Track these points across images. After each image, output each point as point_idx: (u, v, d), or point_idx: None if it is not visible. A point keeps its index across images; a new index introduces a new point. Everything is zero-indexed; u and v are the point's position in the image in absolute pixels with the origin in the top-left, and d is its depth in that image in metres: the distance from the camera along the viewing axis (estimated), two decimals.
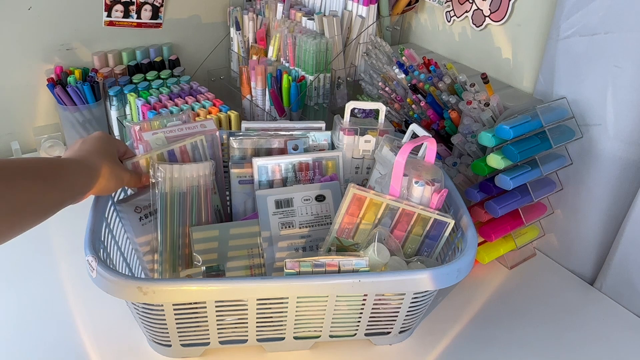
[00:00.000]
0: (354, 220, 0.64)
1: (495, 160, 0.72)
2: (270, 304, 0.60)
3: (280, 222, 0.69)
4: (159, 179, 0.67)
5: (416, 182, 0.63)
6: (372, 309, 0.63)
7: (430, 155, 0.66)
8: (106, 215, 0.66)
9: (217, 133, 0.73)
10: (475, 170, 0.75)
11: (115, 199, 0.69)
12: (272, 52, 1.06)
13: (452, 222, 0.64)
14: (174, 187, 0.68)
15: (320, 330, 0.65)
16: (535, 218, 0.80)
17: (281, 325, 0.63)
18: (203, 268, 0.67)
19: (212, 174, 0.70)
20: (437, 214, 0.64)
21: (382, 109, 0.74)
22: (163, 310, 0.58)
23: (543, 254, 0.87)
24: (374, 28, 1.02)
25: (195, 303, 0.58)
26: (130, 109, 1.02)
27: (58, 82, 1.02)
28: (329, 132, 0.76)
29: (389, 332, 0.68)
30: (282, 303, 0.60)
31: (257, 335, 0.64)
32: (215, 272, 0.68)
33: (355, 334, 0.67)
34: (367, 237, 0.64)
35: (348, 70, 1.04)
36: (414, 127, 0.69)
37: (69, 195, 0.53)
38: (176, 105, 0.98)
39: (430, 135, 0.66)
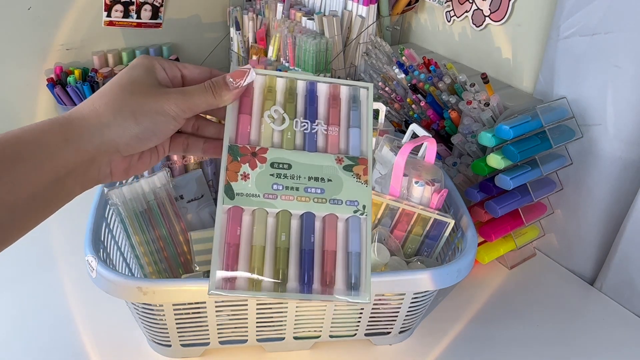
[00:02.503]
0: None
1: (495, 160, 0.72)
2: (271, 304, 0.60)
3: None
4: (115, 205, 0.63)
5: (416, 182, 0.63)
6: (372, 309, 0.63)
7: (430, 155, 0.66)
8: (106, 215, 0.66)
9: None
10: (475, 170, 0.75)
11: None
12: (272, 52, 1.06)
13: (452, 222, 0.64)
14: (132, 209, 0.66)
15: (320, 331, 0.65)
16: (535, 218, 0.80)
17: (281, 325, 0.63)
18: (203, 272, 0.67)
19: (169, 182, 0.68)
20: (437, 214, 0.64)
21: (382, 109, 0.74)
22: (163, 310, 0.58)
23: (543, 254, 0.87)
24: (374, 28, 1.02)
25: (195, 303, 0.58)
26: None
27: (58, 82, 1.02)
28: None
29: (389, 332, 0.68)
30: (282, 303, 0.60)
31: (257, 335, 0.64)
32: None
33: (355, 334, 0.67)
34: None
35: (348, 70, 1.04)
36: (414, 127, 0.69)
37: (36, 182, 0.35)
38: None
39: (430, 135, 0.66)
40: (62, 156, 0.36)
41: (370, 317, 0.64)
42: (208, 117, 0.48)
